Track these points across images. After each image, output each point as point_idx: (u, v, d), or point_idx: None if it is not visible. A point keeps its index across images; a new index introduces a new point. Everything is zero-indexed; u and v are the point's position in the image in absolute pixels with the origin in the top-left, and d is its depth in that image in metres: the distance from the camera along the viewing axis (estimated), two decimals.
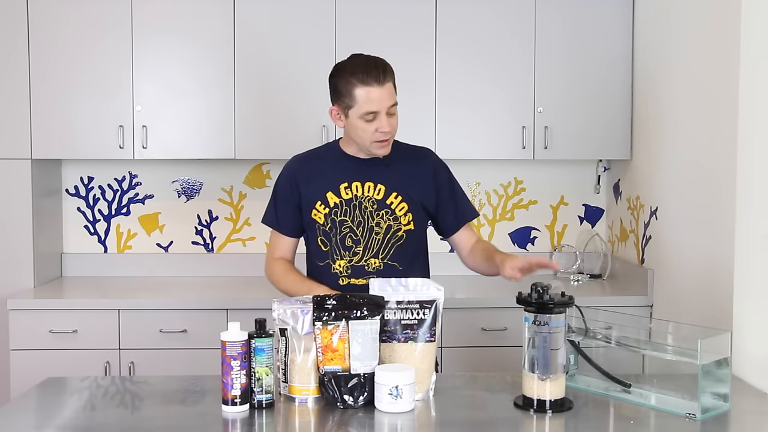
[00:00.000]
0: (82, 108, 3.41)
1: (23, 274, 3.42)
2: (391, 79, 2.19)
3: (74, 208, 3.80)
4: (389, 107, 2.17)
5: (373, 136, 2.18)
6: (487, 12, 3.48)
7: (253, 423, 1.78)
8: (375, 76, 2.14)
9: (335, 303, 1.85)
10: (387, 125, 2.17)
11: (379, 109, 2.15)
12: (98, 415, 1.87)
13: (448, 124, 3.49)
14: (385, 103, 2.15)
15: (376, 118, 2.16)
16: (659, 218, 3.17)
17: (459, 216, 2.39)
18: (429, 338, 1.90)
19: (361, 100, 2.15)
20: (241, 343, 1.80)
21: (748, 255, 2.35)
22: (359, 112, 2.16)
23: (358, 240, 2.27)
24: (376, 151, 2.22)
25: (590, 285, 3.61)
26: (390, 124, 2.18)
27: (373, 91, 2.13)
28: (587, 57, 3.51)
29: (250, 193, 3.83)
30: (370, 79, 2.14)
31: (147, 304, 3.22)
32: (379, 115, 2.16)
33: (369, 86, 2.14)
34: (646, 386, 1.96)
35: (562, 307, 1.84)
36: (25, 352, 3.16)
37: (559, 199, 3.91)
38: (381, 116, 2.16)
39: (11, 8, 3.36)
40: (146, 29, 3.41)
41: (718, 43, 2.57)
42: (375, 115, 2.15)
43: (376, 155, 2.25)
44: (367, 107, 2.14)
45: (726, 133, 2.48)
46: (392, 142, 2.25)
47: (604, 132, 3.54)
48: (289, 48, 3.44)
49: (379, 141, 2.19)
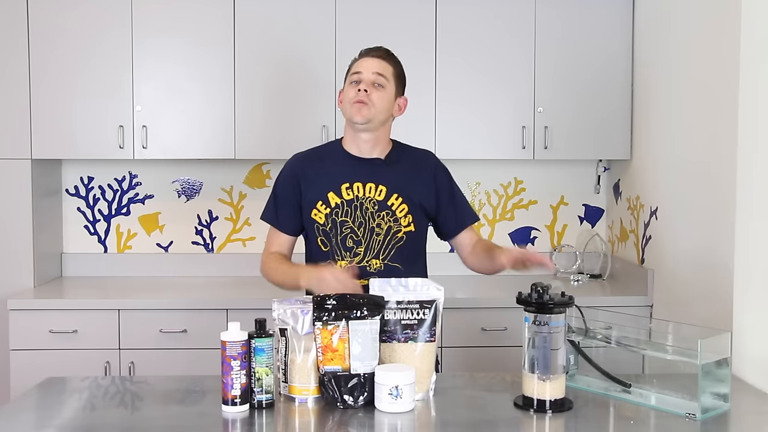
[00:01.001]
0: (82, 108, 3.41)
1: (23, 274, 3.42)
2: (390, 62, 2.31)
3: (74, 208, 3.80)
4: (375, 75, 2.26)
5: (353, 97, 2.25)
6: (487, 12, 3.48)
7: (253, 423, 1.78)
8: (373, 51, 2.32)
9: (335, 303, 1.85)
10: (365, 85, 2.25)
11: (363, 71, 2.27)
12: (98, 415, 1.87)
13: (448, 124, 3.49)
14: (371, 68, 2.27)
15: (360, 82, 2.26)
16: (659, 218, 3.17)
17: (459, 219, 2.40)
18: (429, 338, 1.90)
19: (353, 67, 2.31)
20: (241, 343, 1.80)
21: (748, 255, 2.35)
22: (349, 77, 2.30)
23: (359, 241, 2.27)
24: (353, 115, 2.26)
25: (590, 285, 3.61)
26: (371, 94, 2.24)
27: (364, 59, 2.31)
28: (587, 57, 3.51)
29: (250, 193, 3.83)
30: (368, 53, 2.32)
31: (147, 304, 3.22)
32: (362, 77, 2.26)
33: (363, 57, 2.32)
34: (646, 386, 1.96)
35: (562, 307, 1.84)
36: (25, 352, 3.16)
37: (559, 199, 3.91)
38: (363, 78, 2.26)
39: (11, 8, 3.36)
40: (146, 29, 3.41)
41: (718, 43, 2.57)
42: (359, 76, 2.27)
43: (355, 122, 2.26)
44: (354, 69, 2.30)
45: (726, 133, 2.48)
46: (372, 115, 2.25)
47: (604, 132, 3.54)
48: (290, 48, 3.44)
49: (355, 103, 2.24)
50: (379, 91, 2.26)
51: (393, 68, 2.30)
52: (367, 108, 2.24)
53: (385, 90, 2.27)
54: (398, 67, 2.33)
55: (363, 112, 2.24)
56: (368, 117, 2.25)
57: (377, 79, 2.26)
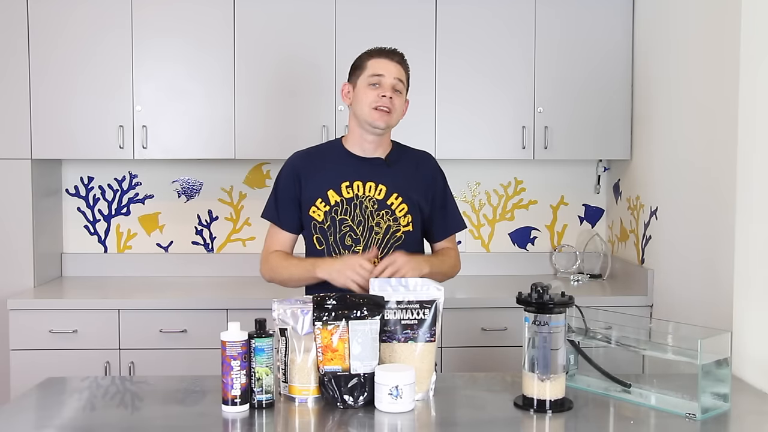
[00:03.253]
0: (82, 108, 3.41)
1: (23, 274, 3.42)
2: (406, 68, 2.33)
3: (74, 208, 3.80)
4: (396, 81, 2.26)
5: (374, 102, 2.24)
6: (486, 12, 3.48)
7: (253, 423, 1.78)
8: (389, 53, 2.30)
9: (335, 303, 1.85)
10: (389, 92, 2.24)
11: (386, 74, 2.24)
12: (98, 415, 1.87)
13: (448, 124, 3.49)
14: (392, 73, 2.25)
15: (381, 85, 2.24)
16: (659, 218, 3.17)
17: (446, 226, 2.43)
18: (429, 338, 1.90)
19: (370, 66, 2.28)
20: (241, 343, 1.80)
21: (748, 255, 2.35)
22: (366, 75, 2.26)
23: (357, 239, 2.27)
24: (375, 120, 2.25)
25: (590, 285, 3.61)
26: (393, 98, 2.24)
27: (383, 61, 2.28)
28: (587, 57, 3.51)
29: (250, 193, 3.83)
30: (384, 54, 2.30)
31: (147, 304, 3.22)
32: (383, 81, 2.24)
33: (381, 57, 2.29)
34: (646, 386, 1.96)
35: (562, 307, 1.84)
36: (25, 352, 3.16)
37: (559, 199, 3.91)
38: (385, 83, 2.24)
39: (11, 8, 3.36)
40: (146, 29, 3.41)
41: (718, 43, 2.57)
42: (380, 79, 2.24)
43: (375, 126, 2.26)
44: (373, 70, 2.26)
45: (726, 133, 2.48)
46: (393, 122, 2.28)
47: (604, 132, 3.54)
48: (289, 48, 3.44)
49: (378, 109, 2.23)
50: (399, 97, 2.28)
51: (406, 73, 2.32)
52: (389, 116, 2.26)
53: (402, 95, 2.30)
54: (408, 71, 2.35)
55: (385, 119, 2.26)
56: (389, 123, 2.28)
57: (397, 85, 2.27)
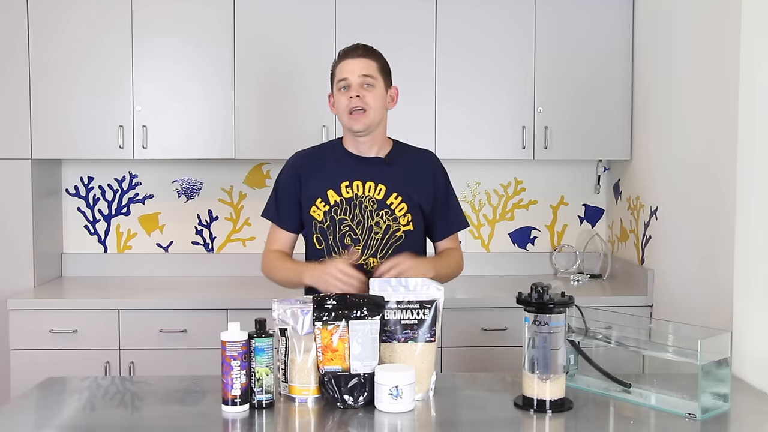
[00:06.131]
0: (82, 108, 3.41)
1: (23, 274, 3.42)
2: (373, 58, 2.27)
3: (74, 208, 3.80)
4: (362, 78, 2.23)
5: (347, 107, 2.23)
6: (486, 12, 3.48)
7: (253, 423, 1.78)
8: (352, 51, 2.27)
9: (335, 303, 1.85)
10: (356, 91, 2.21)
11: (349, 76, 2.23)
12: (98, 415, 1.87)
13: (448, 124, 3.49)
14: (357, 72, 2.23)
15: (348, 87, 2.23)
16: (659, 218, 3.17)
17: (448, 226, 2.41)
18: (429, 338, 1.90)
19: (337, 72, 2.27)
20: (241, 343, 1.80)
21: (748, 255, 2.35)
22: (336, 82, 2.26)
23: (357, 239, 2.27)
24: (351, 124, 2.24)
25: (590, 285, 3.61)
26: (364, 97, 2.22)
27: (346, 62, 2.25)
28: (587, 57, 3.51)
29: (250, 193, 3.83)
30: (346, 55, 2.27)
31: (147, 304, 3.22)
32: (349, 83, 2.23)
33: (344, 59, 2.27)
34: (646, 386, 1.96)
35: (562, 307, 1.84)
36: (25, 352, 3.16)
37: (559, 199, 3.91)
38: (352, 84, 2.23)
39: (11, 8, 3.36)
40: (146, 29, 3.41)
41: (718, 42, 2.57)
42: (346, 82, 2.23)
43: (354, 130, 2.25)
44: (339, 74, 2.26)
45: (726, 132, 2.48)
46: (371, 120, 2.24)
47: (604, 132, 3.54)
48: (289, 48, 3.44)
49: (352, 112, 2.23)
50: (371, 91, 2.24)
51: (377, 63, 2.27)
52: (364, 115, 2.23)
53: (375, 88, 2.25)
54: (381, 60, 2.29)
55: (361, 120, 2.23)
56: (367, 123, 2.24)
57: (365, 81, 2.23)
